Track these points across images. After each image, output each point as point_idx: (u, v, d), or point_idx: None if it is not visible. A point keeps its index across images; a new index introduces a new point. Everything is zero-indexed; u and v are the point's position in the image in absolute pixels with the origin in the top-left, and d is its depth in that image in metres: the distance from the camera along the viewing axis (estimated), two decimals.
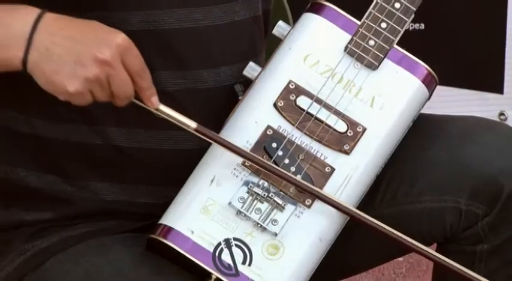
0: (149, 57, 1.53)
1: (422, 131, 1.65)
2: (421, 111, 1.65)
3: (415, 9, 1.60)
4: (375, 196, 1.61)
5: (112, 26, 1.49)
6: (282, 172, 1.52)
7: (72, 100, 1.43)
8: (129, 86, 1.44)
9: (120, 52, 1.43)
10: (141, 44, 1.52)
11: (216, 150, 1.55)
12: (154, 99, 1.46)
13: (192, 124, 1.48)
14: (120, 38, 1.44)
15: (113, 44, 1.43)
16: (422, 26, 1.71)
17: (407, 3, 1.60)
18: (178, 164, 1.56)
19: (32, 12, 1.44)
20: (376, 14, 1.60)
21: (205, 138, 1.50)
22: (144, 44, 1.52)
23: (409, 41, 1.61)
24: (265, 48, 1.70)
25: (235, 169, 1.54)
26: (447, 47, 1.90)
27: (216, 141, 1.51)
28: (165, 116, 1.48)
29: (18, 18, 1.44)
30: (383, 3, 1.60)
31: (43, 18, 1.44)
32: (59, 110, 1.56)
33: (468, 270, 1.54)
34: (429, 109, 1.68)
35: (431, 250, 1.54)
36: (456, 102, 2.72)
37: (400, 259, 1.66)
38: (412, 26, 1.61)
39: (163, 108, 1.48)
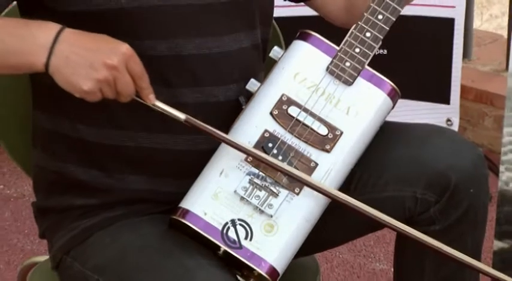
0: (172, 76, 1.54)
1: (387, 135, 1.64)
2: (386, 119, 1.65)
3: (382, 37, 1.60)
4: (350, 185, 1.59)
5: (141, 51, 1.47)
6: (277, 165, 1.51)
7: (86, 97, 1.43)
8: (131, 86, 1.44)
9: (124, 59, 1.43)
10: (166, 66, 1.53)
11: (223, 149, 1.54)
12: (152, 96, 1.46)
13: (182, 116, 1.48)
14: (125, 47, 1.44)
15: (119, 52, 1.42)
16: (386, 52, 1.70)
17: (376, 33, 1.59)
18: (195, 161, 1.54)
19: (55, 27, 1.44)
20: (352, 41, 1.59)
21: (196, 128, 1.50)
22: (168, 66, 1.52)
23: (375, 63, 1.60)
24: (264, 67, 1.66)
25: (239, 163, 1.53)
26: (405, 67, 1.89)
27: (205, 131, 1.50)
28: (160, 110, 1.48)
29: (44, 31, 1.44)
30: (357, 33, 1.59)
31: (63, 32, 1.44)
32: (99, 119, 1.55)
33: (426, 236, 1.54)
34: (392, 117, 1.66)
35: (401, 224, 1.54)
36: (412, 111, 2.71)
37: (371, 240, 1.65)
38: (378, 51, 1.60)
39: (159, 103, 1.48)
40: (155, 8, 1.55)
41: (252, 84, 1.59)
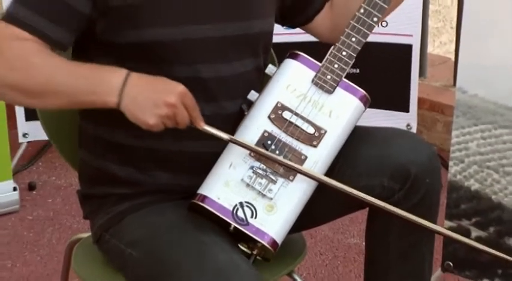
0: (194, 93, 1.51)
1: (361, 136, 1.63)
2: (360, 124, 1.63)
3: (355, 55, 1.59)
4: (330, 175, 1.56)
5: (170, 74, 1.48)
6: (275, 158, 1.51)
7: (151, 129, 1.43)
8: (187, 118, 1.44)
9: (181, 97, 1.43)
10: (189, 86, 1.50)
11: (231, 147, 1.53)
12: (202, 123, 1.46)
13: (226, 136, 1.49)
14: (181, 87, 1.44)
15: (176, 92, 1.43)
16: (358, 70, 1.70)
17: (350, 52, 1.58)
18: (208, 161, 1.53)
19: (123, 71, 1.43)
20: (331, 58, 1.58)
21: (237, 144, 1.52)
22: (190, 85, 1.49)
23: (350, 79, 1.60)
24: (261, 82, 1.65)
25: (244, 158, 1.52)
26: (374, 83, 1.88)
27: (240, 145, 1.52)
28: (208, 132, 1.48)
29: (114, 76, 1.43)
30: (335, 52, 1.58)
31: (130, 76, 1.43)
32: (133, 127, 1.50)
33: (395, 208, 1.56)
34: (365, 123, 1.66)
35: (380, 202, 1.56)
36: (380, 118, 2.71)
37: (346, 220, 1.64)
38: (352, 70, 1.60)
39: (207, 127, 1.48)
40: (185, 41, 1.54)
41: (252, 95, 1.58)
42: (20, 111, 2.83)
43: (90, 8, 1.48)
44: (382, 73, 2.73)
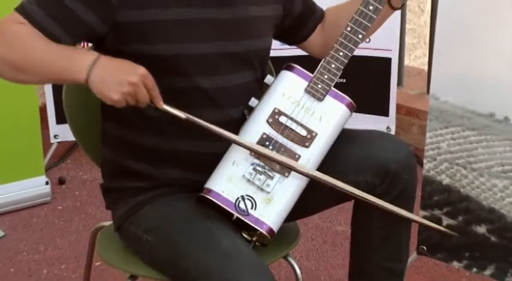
0: (199, 102, 1.51)
1: (347, 138, 1.62)
2: (347, 127, 1.63)
3: (342, 68, 1.58)
4: (320, 172, 1.55)
5: (177, 85, 1.49)
6: (271, 157, 1.50)
7: (114, 104, 1.41)
8: (147, 96, 1.42)
9: (142, 78, 1.41)
10: (193, 95, 1.51)
11: (235, 147, 1.52)
12: (161, 102, 1.44)
13: (183, 115, 1.46)
14: (142, 69, 1.42)
15: (138, 73, 1.41)
16: (345, 80, 1.70)
17: (338, 65, 1.57)
18: (213, 160, 1.52)
19: (94, 54, 1.42)
20: (322, 70, 1.57)
21: (196, 124, 1.48)
22: (195, 95, 1.50)
23: (338, 88, 1.59)
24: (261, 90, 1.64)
25: (245, 156, 1.51)
26: (359, 91, 1.88)
27: (205, 126, 1.49)
28: (167, 111, 1.45)
29: (86, 56, 1.42)
30: (325, 65, 1.57)
31: (99, 58, 1.41)
32: (150, 130, 1.53)
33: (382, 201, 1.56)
34: (351, 126, 1.65)
35: (366, 195, 1.55)
36: (364, 121, 2.70)
37: (334, 209, 1.64)
38: (339, 80, 1.59)
39: (166, 106, 1.45)
40: (190, 56, 1.52)
41: (253, 101, 1.57)
42: (51, 116, 2.83)
43: (99, 22, 1.47)
44: (366, 82, 2.72)
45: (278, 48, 2.59)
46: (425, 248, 2.15)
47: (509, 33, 1.94)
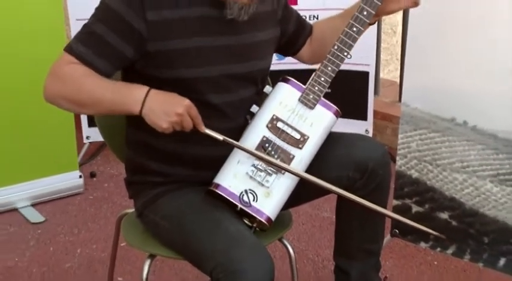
0: (210, 114, 1.49)
1: (333, 139, 1.59)
2: (333, 130, 1.61)
3: (330, 80, 1.56)
4: (312, 169, 1.54)
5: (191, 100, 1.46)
6: (269, 159, 1.49)
7: (163, 131, 1.41)
8: (191, 124, 1.42)
9: (187, 108, 1.40)
10: (207, 109, 1.49)
11: (238, 150, 1.50)
12: (203, 127, 1.44)
13: (220, 137, 1.46)
14: (187, 101, 1.41)
15: (183, 105, 1.40)
16: (330, 90, 1.68)
17: (327, 78, 1.55)
18: (218, 161, 1.50)
19: (145, 89, 1.42)
20: (313, 83, 1.55)
21: (231, 144, 1.48)
22: (207, 109, 1.49)
23: (326, 97, 1.57)
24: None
25: (248, 156, 1.49)
26: (342, 99, 1.86)
27: (237, 146, 1.49)
28: (208, 134, 1.45)
29: (139, 91, 1.42)
30: (316, 78, 1.55)
31: (150, 92, 1.41)
32: (165, 137, 1.48)
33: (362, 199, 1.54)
34: (337, 129, 1.63)
35: (342, 191, 1.53)
36: (345, 125, 2.65)
37: (321, 199, 1.63)
38: (327, 90, 1.57)
39: (208, 130, 1.45)
40: (206, 79, 1.51)
41: (254, 108, 1.55)
42: (84, 120, 2.82)
43: (133, 52, 1.45)
44: (348, 92, 2.70)
45: (275, 63, 2.59)
46: (397, 231, 2.14)
47: (464, 47, 1.93)
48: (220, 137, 1.46)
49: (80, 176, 2.69)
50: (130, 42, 1.44)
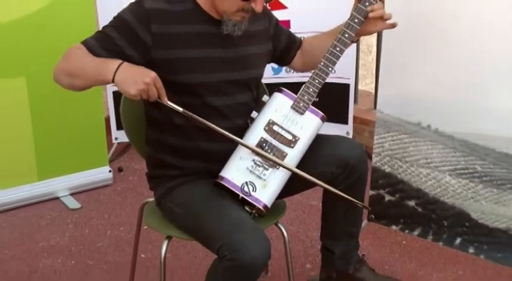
0: (212, 115, 1.47)
1: (319, 141, 1.57)
2: (319, 132, 1.58)
3: (318, 91, 1.53)
4: (301, 165, 1.52)
5: (195, 103, 1.44)
6: (266, 155, 1.46)
7: (131, 97, 1.36)
8: (156, 93, 1.36)
9: (153, 79, 1.35)
10: (209, 110, 1.46)
11: (241, 147, 1.47)
12: (165, 99, 1.39)
13: (180, 109, 1.41)
14: (153, 73, 1.37)
15: (150, 76, 1.35)
16: (318, 99, 1.67)
17: (315, 89, 1.53)
18: (226, 156, 1.48)
19: (118, 61, 1.38)
20: (303, 93, 1.53)
21: (191, 118, 1.42)
22: (210, 111, 1.46)
23: (314, 105, 1.55)
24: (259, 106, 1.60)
25: (249, 153, 1.47)
26: (328, 107, 1.84)
27: (233, 139, 1.44)
28: (168, 105, 1.39)
29: (112, 63, 1.37)
30: (305, 89, 1.53)
31: (122, 64, 1.37)
32: (180, 135, 1.48)
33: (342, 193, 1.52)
34: (323, 131, 1.60)
35: (324, 184, 1.50)
36: (330, 128, 2.64)
37: (310, 190, 1.61)
38: (315, 99, 1.55)
39: (169, 102, 1.39)
40: (207, 84, 1.48)
41: (254, 114, 1.53)
42: (113, 124, 2.80)
43: (137, 56, 1.43)
44: (332, 101, 2.67)
45: (272, 77, 2.58)
46: (373, 216, 2.15)
47: (428, 64, 1.92)
48: (180, 109, 1.41)
49: (110, 171, 2.67)
50: (135, 47, 1.42)
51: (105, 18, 2.49)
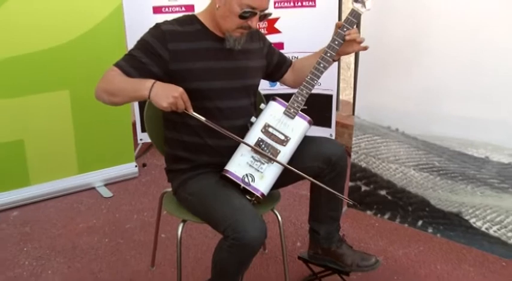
0: (218, 116, 1.45)
1: (307, 141, 1.54)
2: (307, 134, 1.56)
3: (305, 99, 1.52)
4: (292, 161, 1.49)
5: (204, 105, 1.41)
6: (263, 152, 1.43)
7: (163, 109, 1.35)
8: (183, 105, 1.35)
9: (180, 94, 1.34)
10: (216, 112, 1.43)
11: (242, 145, 1.45)
12: (191, 110, 1.38)
13: (203, 118, 1.39)
14: (181, 89, 1.36)
15: (178, 91, 1.35)
16: (306, 107, 1.66)
17: (303, 98, 1.51)
18: (231, 151, 1.45)
19: (152, 81, 1.37)
20: (293, 101, 1.51)
21: (213, 127, 1.40)
22: (216, 112, 1.44)
23: (303, 111, 1.53)
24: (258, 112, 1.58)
25: (248, 151, 1.45)
26: (315, 113, 1.83)
27: (235, 138, 1.41)
28: (194, 116, 1.38)
29: (147, 82, 1.36)
30: (295, 98, 1.51)
31: (155, 83, 1.36)
32: (192, 134, 1.45)
33: (329, 188, 1.49)
34: (311, 134, 1.58)
35: (311, 178, 1.48)
36: (316, 131, 2.63)
37: (300, 181, 1.60)
38: (303, 107, 1.53)
39: (195, 114, 1.38)
40: (213, 89, 1.46)
41: (253, 118, 1.51)
42: (138, 127, 2.80)
43: (157, 69, 1.43)
44: (318, 108, 2.66)
45: (268, 89, 2.57)
46: (351, 203, 2.11)
47: (394, 78, 1.92)
48: (203, 119, 1.39)
49: (136, 166, 2.65)
50: (157, 63, 1.42)
51: (132, 40, 2.53)
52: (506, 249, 1.81)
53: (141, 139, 2.81)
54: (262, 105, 1.54)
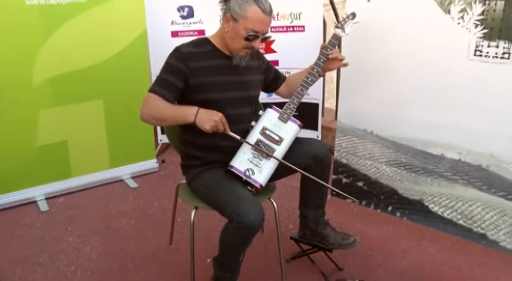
0: (227, 121, 1.44)
1: (297, 141, 1.54)
2: (297, 136, 1.55)
3: (296, 106, 1.51)
4: (285, 157, 1.50)
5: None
6: (261, 150, 1.43)
7: (207, 131, 1.36)
8: (222, 127, 1.37)
9: (220, 118, 1.36)
10: (225, 118, 1.42)
11: (244, 145, 1.45)
12: (228, 131, 1.39)
13: (239, 137, 1.41)
14: (220, 114, 1.38)
15: (219, 116, 1.37)
16: (297, 113, 1.65)
17: (294, 105, 1.51)
18: (235, 150, 1.46)
19: (196, 108, 1.38)
20: (286, 108, 1.51)
21: (241, 141, 1.41)
22: (226, 118, 1.43)
23: (295, 117, 1.53)
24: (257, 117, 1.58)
25: (249, 149, 1.45)
26: (303, 118, 1.83)
27: (245, 142, 1.43)
28: (231, 135, 1.39)
29: (193, 109, 1.38)
30: (287, 106, 1.51)
31: (199, 109, 1.38)
32: (203, 135, 1.44)
33: (319, 180, 1.48)
34: (301, 135, 1.57)
35: (302, 171, 1.47)
36: (305, 133, 2.62)
37: (292, 175, 1.60)
38: (294, 113, 1.53)
39: (231, 133, 1.40)
40: (221, 99, 1.47)
41: (253, 123, 1.51)
42: (159, 130, 2.79)
43: (182, 85, 1.43)
44: (307, 114, 2.65)
45: (266, 98, 2.56)
46: (335, 193, 2.12)
47: (369, 89, 1.93)
48: (238, 137, 1.42)
49: (156, 162, 2.64)
50: (181, 79, 1.43)
51: (154, 57, 2.55)
52: (457, 228, 1.85)
53: (161, 140, 2.81)
54: (260, 112, 1.54)
